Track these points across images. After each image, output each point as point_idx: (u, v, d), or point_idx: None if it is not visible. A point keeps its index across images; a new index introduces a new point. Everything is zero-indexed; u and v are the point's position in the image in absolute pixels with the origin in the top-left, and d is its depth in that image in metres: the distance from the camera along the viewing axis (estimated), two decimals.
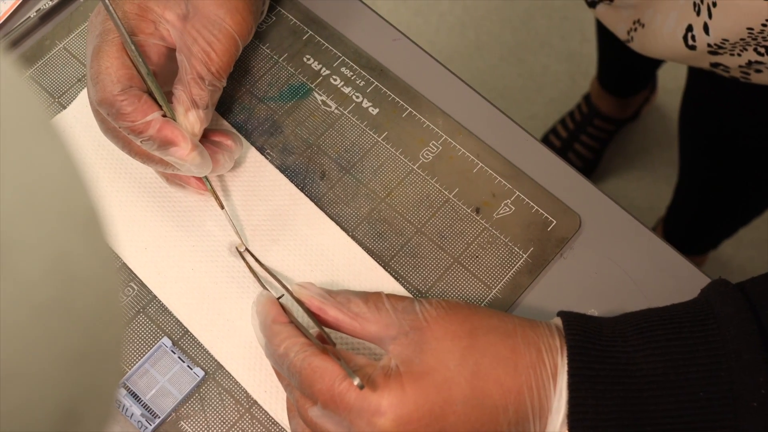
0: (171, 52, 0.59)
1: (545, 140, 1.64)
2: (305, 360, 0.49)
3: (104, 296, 0.22)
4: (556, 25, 1.74)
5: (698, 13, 0.68)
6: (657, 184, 1.61)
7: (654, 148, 1.65)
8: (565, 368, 0.49)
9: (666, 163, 1.62)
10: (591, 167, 1.62)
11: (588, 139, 1.60)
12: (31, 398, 0.18)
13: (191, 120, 0.57)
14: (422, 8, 1.74)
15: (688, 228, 1.41)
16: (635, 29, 0.81)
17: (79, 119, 0.65)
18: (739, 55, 0.70)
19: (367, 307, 0.51)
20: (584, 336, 0.50)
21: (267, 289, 0.57)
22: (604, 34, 1.38)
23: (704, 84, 1.08)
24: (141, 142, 0.56)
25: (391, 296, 0.52)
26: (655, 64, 1.46)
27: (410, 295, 0.60)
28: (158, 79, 0.58)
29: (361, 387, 0.47)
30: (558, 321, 0.52)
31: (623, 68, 1.49)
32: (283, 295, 0.56)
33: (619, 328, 0.51)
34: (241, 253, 0.60)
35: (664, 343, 0.49)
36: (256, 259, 0.60)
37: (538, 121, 1.67)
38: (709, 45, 0.69)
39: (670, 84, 1.65)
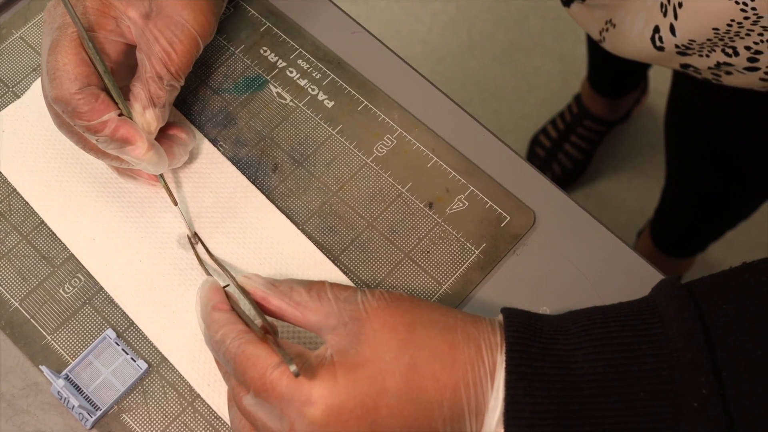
0: (130, 49, 0.59)
1: (535, 140, 1.63)
2: (240, 347, 0.49)
3: None
4: (549, 25, 1.73)
5: (665, 14, 0.67)
6: (647, 186, 1.60)
7: (645, 150, 1.64)
8: (504, 365, 0.48)
9: (656, 165, 1.60)
10: (581, 168, 1.61)
11: (578, 140, 1.59)
12: None
13: (148, 118, 0.57)
14: (415, 7, 1.74)
15: (675, 230, 1.40)
16: (607, 29, 0.80)
17: (32, 109, 0.64)
18: (707, 56, 0.69)
19: (309, 296, 0.51)
20: (524, 333, 0.49)
21: (212, 277, 0.57)
22: None
23: (687, 87, 1.07)
24: (97, 140, 0.56)
25: (334, 285, 0.51)
26: (644, 64, 1.45)
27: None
28: (115, 76, 0.57)
29: (296, 374, 0.46)
30: (501, 318, 0.51)
31: (613, 69, 1.48)
32: (228, 285, 0.55)
33: (561, 325, 0.50)
34: (191, 242, 0.60)
35: (607, 341, 0.48)
36: (207, 249, 0.60)
37: (529, 121, 1.66)
38: (677, 46, 0.68)
39: (662, 86, 1.63)
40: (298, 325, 0.51)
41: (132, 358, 0.57)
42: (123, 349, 0.58)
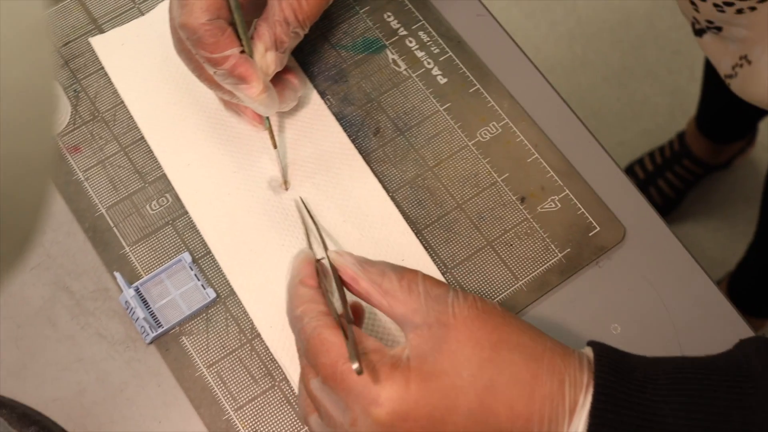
0: None
1: (629, 170, 1.60)
2: (316, 329, 0.47)
3: (36, 101, 0.21)
4: (667, 57, 1.70)
5: None
6: (734, 239, 1.56)
7: (738, 202, 1.60)
8: (586, 408, 0.46)
9: (748, 220, 1.56)
10: (670, 206, 1.58)
11: (673, 178, 1.56)
12: None
13: (268, 60, 0.57)
14: (535, 12, 1.72)
15: (754, 289, 1.37)
16: (741, 65, 0.77)
17: (154, 29, 0.66)
18: None
19: (399, 286, 0.49)
20: (614, 375, 0.46)
21: (311, 248, 0.56)
22: (711, 74, 1.34)
23: None
24: (214, 72, 0.56)
25: (428, 279, 0.49)
26: (757, 114, 1.41)
27: (438, 270, 0.59)
28: (242, 11, 0.58)
29: (358, 372, 0.45)
30: (590, 352, 0.48)
31: (724, 113, 1.44)
32: (323, 258, 0.53)
33: (651, 372, 0.47)
34: (305, 204, 0.59)
35: (697, 399, 0.46)
36: (310, 214, 0.59)
37: (626, 148, 1.63)
38: None
39: None
40: (383, 313, 0.50)
41: (202, 285, 0.58)
42: (195, 275, 0.58)
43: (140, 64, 0.65)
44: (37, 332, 0.58)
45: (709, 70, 1.34)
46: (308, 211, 0.59)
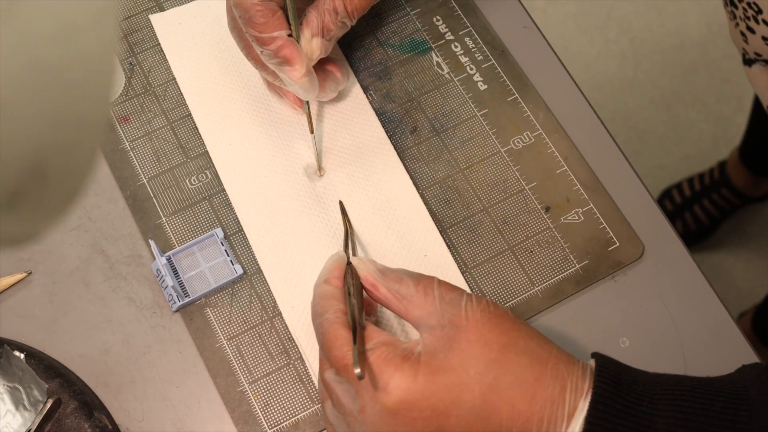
0: None
1: (666, 193, 1.60)
2: (332, 324, 0.50)
3: (98, 75, 0.24)
4: (716, 85, 1.70)
5: None
6: (764, 272, 1.56)
7: None
8: (584, 413, 0.47)
9: None
10: (704, 233, 1.58)
11: (710, 205, 1.56)
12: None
13: (313, 46, 0.60)
14: (590, 29, 1.73)
15: None
16: None
17: (211, 11, 0.68)
18: None
19: (415, 290, 0.51)
20: (612, 386, 0.48)
21: (347, 252, 0.58)
22: (760, 105, 1.34)
23: None
24: (261, 52, 0.59)
25: (443, 284, 0.52)
26: None
27: (458, 268, 0.61)
28: None
29: (360, 378, 0.47)
30: (594, 363, 0.50)
31: None
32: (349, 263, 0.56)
33: (650, 386, 0.49)
34: (344, 208, 0.62)
35: (691, 415, 0.47)
36: (348, 220, 0.61)
37: (665, 172, 1.63)
38: None
39: None
40: (400, 317, 0.52)
41: (231, 261, 0.61)
42: (226, 250, 0.61)
43: (195, 44, 0.67)
44: (70, 290, 0.61)
45: (758, 101, 1.34)
46: (346, 216, 0.61)
